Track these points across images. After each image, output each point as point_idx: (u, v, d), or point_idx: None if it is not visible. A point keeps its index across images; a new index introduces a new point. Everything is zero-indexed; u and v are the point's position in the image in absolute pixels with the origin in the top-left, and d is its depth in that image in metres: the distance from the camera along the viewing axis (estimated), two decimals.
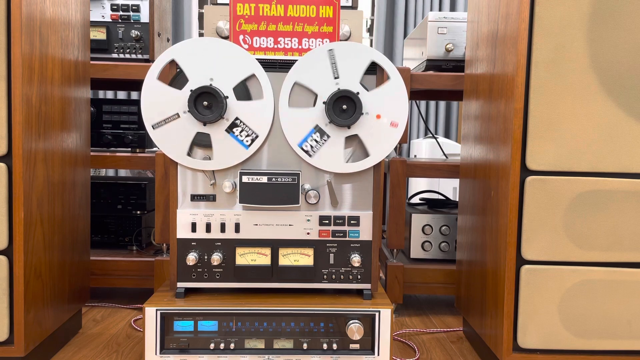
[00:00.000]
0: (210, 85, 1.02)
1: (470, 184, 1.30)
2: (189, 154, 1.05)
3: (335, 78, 1.03)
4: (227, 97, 1.03)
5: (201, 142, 1.05)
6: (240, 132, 1.04)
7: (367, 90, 1.04)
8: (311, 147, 1.05)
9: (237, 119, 1.04)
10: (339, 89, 1.03)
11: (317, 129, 1.05)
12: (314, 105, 1.05)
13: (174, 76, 1.05)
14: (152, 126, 1.04)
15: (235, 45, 1.04)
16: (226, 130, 1.04)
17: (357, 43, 1.05)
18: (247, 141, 1.05)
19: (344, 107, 1.03)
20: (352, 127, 1.04)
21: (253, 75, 1.04)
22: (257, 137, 1.05)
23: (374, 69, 1.06)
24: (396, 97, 1.05)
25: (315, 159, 1.06)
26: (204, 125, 1.03)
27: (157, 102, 1.03)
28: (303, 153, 1.05)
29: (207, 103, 1.02)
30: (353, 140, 1.07)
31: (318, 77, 1.04)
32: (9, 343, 1.02)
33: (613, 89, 1.00)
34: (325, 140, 1.05)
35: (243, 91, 1.05)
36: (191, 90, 1.01)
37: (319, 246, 1.09)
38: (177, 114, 1.03)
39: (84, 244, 1.34)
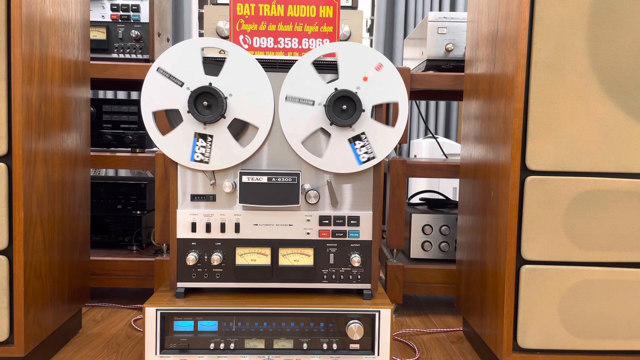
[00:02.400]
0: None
1: (470, 184, 1.30)
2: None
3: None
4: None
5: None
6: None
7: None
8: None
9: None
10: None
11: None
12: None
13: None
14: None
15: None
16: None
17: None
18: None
19: (344, 107, 1.03)
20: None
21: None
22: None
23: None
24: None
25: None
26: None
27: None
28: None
29: (206, 103, 1.02)
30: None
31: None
32: (9, 343, 1.02)
33: (613, 89, 1.00)
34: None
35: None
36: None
37: (319, 246, 1.09)
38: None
39: (84, 244, 1.34)
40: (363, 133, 1.05)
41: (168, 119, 1.05)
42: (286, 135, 1.05)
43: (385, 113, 1.09)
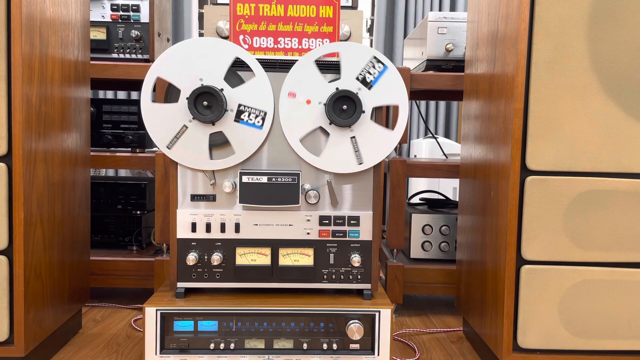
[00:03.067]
0: (202, 85, 1.02)
1: (470, 184, 1.30)
2: (211, 158, 1.05)
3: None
4: (222, 89, 1.02)
5: (216, 142, 1.05)
6: (249, 116, 1.04)
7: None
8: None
9: (240, 105, 1.04)
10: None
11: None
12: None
13: (166, 92, 1.05)
14: (167, 147, 1.04)
15: (209, 38, 1.04)
16: (235, 120, 1.04)
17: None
18: (258, 122, 1.04)
19: (344, 107, 1.03)
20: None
21: (238, 59, 1.04)
22: (265, 113, 1.05)
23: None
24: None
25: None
26: (213, 125, 1.03)
27: (161, 123, 1.03)
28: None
29: (206, 103, 1.02)
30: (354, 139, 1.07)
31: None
32: (9, 343, 1.02)
33: (613, 89, 1.00)
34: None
35: (235, 78, 1.05)
36: (187, 98, 1.01)
37: (319, 246, 1.09)
38: (185, 125, 1.03)
39: (84, 244, 1.34)
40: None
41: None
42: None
43: (385, 116, 1.09)
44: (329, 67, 1.05)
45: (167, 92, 1.06)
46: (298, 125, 1.05)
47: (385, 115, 1.08)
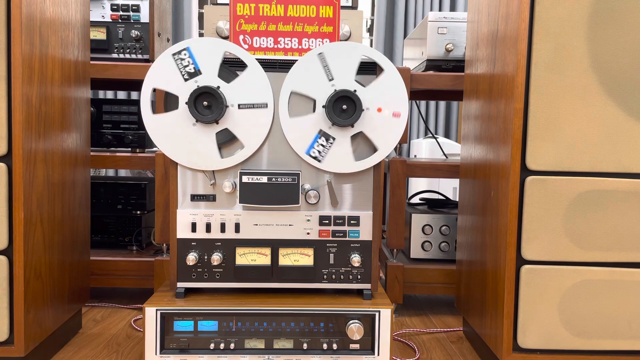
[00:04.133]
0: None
1: (470, 184, 1.30)
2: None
3: (330, 80, 1.03)
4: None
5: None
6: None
7: (364, 87, 1.04)
8: (319, 152, 1.05)
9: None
10: (335, 90, 1.03)
11: (322, 133, 1.05)
12: (314, 110, 1.05)
13: (164, 101, 1.05)
14: (239, 105, 1.03)
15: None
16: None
17: (346, 42, 1.05)
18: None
19: (344, 107, 1.03)
20: (356, 125, 1.04)
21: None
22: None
23: (372, 68, 1.06)
24: (393, 88, 1.04)
25: (325, 164, 1.06)
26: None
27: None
28: (312, 160, 1.05)
29: (206, 103, 1.02)
30: (355, 138, 1.07)
31: (313, 82, 1.04)
32: (9, 343, 1.02)
33: (613, 89, 1.00)
34: (331, 143, 1.05)
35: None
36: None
37: (319, 246, 1.09)
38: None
39: (84, 244, 1.34)
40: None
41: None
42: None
43: None
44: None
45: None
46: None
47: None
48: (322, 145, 1.05)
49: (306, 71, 1.04)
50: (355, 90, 1.03)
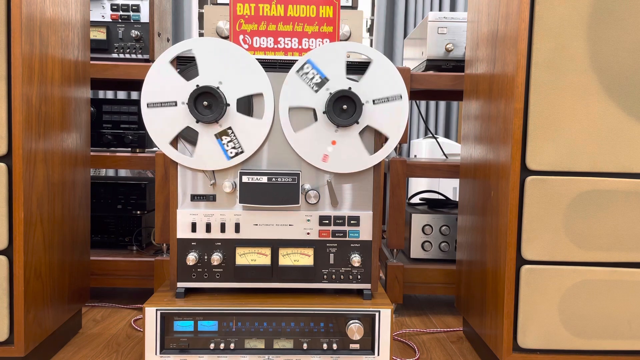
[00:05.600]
0: (217, 88, 1.02)
1: (470, 184, 1.30)
2: (171, 144, 1.05)
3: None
4: (229, 104, 1.03)
5: (188, 136, 1.05)
6: (228, 142, 1.04)
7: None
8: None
9: (229, 128, 1.04)
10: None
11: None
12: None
13: (185, 67, 1.05)
14: (147, 104, 1.03)
15: (253, 58, 1.04)
16: (215, 135, 1.04)
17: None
18: (230, 152, 1.05)
19: (344, 107, 1.03)
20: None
21: (260, 94, 1.05)
22: (242, 152, 1.05)
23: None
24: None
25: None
26: (197, 122, 1.03)
27: (161, 83, 1.03)
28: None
29: (207, 103, 1.02)
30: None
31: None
32: (9, 343, 1.02)
33: (613, 89, 1.00)
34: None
35: (246, 105, 1.05)
36: (197, 86, 1.01)
37: (319, 246, 1.09)
38: (175, 102, 1.03)
39: (84, 244, 1.34)
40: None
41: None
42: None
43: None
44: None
45: (185, 68, 1.06)
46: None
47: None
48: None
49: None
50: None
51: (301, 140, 1.05)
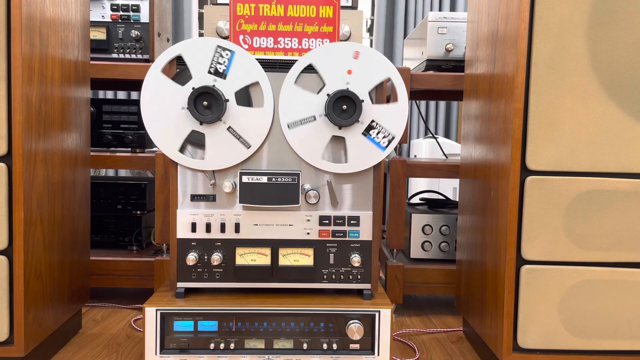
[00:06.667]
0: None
1: (470, 184, 1.30)
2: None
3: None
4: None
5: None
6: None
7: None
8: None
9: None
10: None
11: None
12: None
13: (177, 72, 1.05)
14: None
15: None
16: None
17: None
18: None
19: (344, 107, 1.03)
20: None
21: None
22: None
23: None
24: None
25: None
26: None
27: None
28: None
29: (207, 103, 1.02)
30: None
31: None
32: (9, 343, 1.02)
33: (613, 89, 1.00)
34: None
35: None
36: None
37: (319, 246, 1.09)
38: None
39: (84, 244, 1.34)
40: (373, 121, 1.05)
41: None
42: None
43: (385, 95, 1.08)
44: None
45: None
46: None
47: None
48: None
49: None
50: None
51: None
